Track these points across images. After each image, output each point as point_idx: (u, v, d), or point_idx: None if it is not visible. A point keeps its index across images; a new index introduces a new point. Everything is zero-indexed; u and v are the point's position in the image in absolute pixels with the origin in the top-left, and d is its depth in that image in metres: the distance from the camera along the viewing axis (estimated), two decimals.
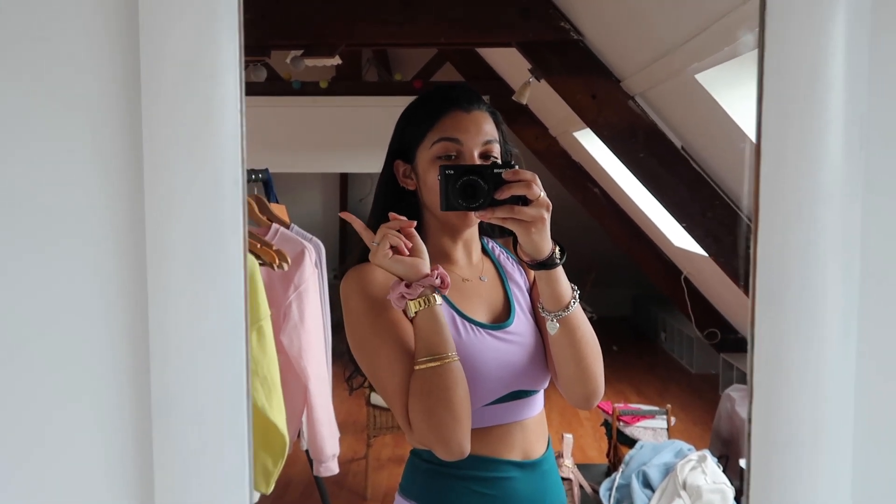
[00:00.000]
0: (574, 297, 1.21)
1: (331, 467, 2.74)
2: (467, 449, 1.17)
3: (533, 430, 1.31)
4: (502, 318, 1.30)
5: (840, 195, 0.60)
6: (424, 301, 1.16)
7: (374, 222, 1.28)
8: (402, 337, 1.20)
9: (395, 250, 1.16)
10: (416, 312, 1.16)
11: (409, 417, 1.16)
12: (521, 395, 1.28)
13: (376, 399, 3.85)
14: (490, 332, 1.26)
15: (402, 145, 1.30)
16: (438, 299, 1.16)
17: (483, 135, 1.24)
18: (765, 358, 0.62)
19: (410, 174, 1.29)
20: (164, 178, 0.61)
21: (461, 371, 1.16)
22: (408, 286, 1.16)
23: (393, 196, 1.31)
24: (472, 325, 1.25)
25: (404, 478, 1.34)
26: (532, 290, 1.36)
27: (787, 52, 0.59)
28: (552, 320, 1.20)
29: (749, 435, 0.62)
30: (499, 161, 1.26)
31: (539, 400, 1.33)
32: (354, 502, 4.01)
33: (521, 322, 1.30)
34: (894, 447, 0.64)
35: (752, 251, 0.62)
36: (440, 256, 1.30)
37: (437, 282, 1.16)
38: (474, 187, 1.14)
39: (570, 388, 1.28)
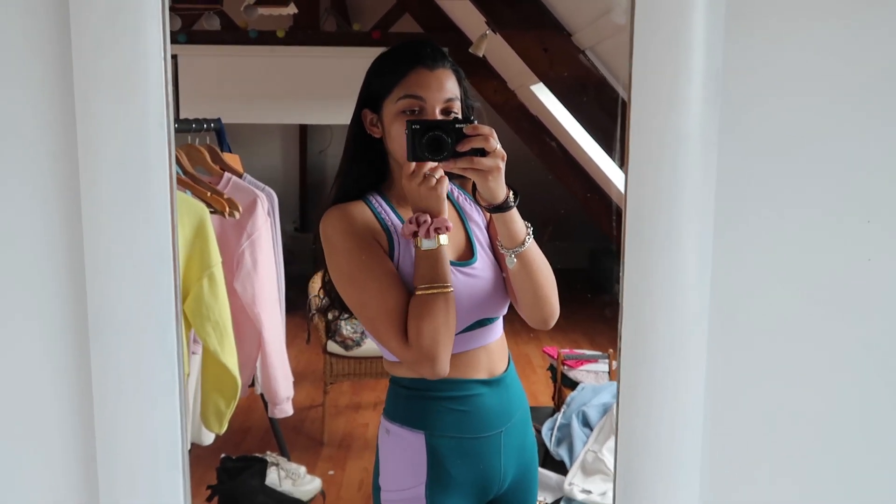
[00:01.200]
0: (528, 234, 1.35)
1: (285, 409, 2.84)
2: (447, 369, 1.33)
3: (495, 350, 1.48)
4: (466, 255, 1.44)
5: (700, 139, 0.68)
6: (437, 239, 1.32)
7: (347, 166, 1.45)
8: (388, 270, 1.35)
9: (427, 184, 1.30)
10: (427, 248, 1.32)
11: (405, 337, 1.32)
12: (485, 322, 1.44)
13: (333, 347, 3.94)
14: (459, 268, 1.40)
15: (370, 95, 1.41)
16: (444, 239, 1.33)
17: (445, 92, 1.36)
18: (633, 285, 0.71)
19: (377, 123, 1.41)
20: (93, 119, 0.67)
21: (454, 300, 1.33)
22: (431, 226, 1.31)
23: (361, 143, 1.44)
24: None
25: (387, 403, 1.49)
26: (489, 227, 1.50)
27: (656, 20, 0.66)
28: (510, 256, 1.35)
29: (619, 351, 0.71)
30: (459, 116, 1.37)
31: (499, 326, 1.49)
32: (312, 447, 4.11)
33: (483, 258, 1.44)
34: (742, 369, 0.74)
35: (624, 193, 0.70)
36: (405, 200, 1.42)
37: (449, 224, 1.33)
38: (439, 141, 1.26)
39: (529, 312, 1.45)
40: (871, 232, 0.71)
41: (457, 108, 1.38)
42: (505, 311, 1.49)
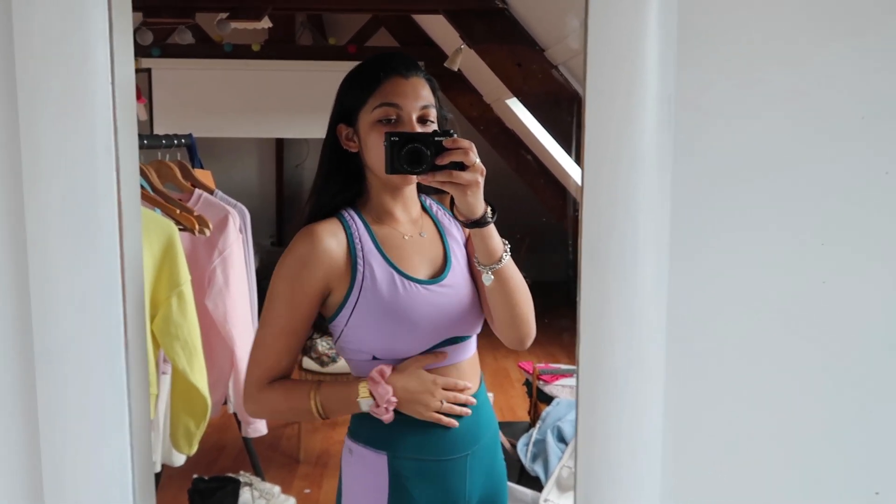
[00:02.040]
0: (505, 251, 1.34)
1: (259, 428, 2.80)
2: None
3: (466, 370, 1.45)
4: (439, 271, 1.42)
5: (654, 161, 0.68)
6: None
7: (321, 183, 1.44)
8: (296, 323, 1.36)
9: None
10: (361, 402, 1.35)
11: (257, 383, 1.39)
12: (456, 340, 1.41)
13: (309, 364, 3.91)
14: (426, 286, 1.38)
15: (345, 109, 1.41)
16: (363, 405, 1.36)
17: (420, 100, 1.36)
18: (590, 304, 0.70)
19: (353, 137, 1.40)
20: (39, 146, 0.65)
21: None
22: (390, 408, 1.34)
23: (336, 159, 1.43)
24: (409, 282, 1.37)
25: (352, 422, 1.47)
26: (468, 244, 1.49)
27: (610, 43, 0.66)
28: (487, 272, 1.33)
29: (577, 371, 0.70)
30: (435, 124, 1.38)
31: (472, 344, 1.47)
32: (288, 465, 4.07)
33: (457, 274, 1.42)
34: (699, 372, 0.73)
35: (579, 213, 0.69)
36: (383, 214, 1.42)
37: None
38: (418, 153, 1.24)
39: (505, 331, 1.42)
40: (825, 254, 0.71)
41: (432, 115, 1.38)
42: (478, 329, 1.46)
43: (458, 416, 1.42)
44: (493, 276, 1.33)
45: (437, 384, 1.38)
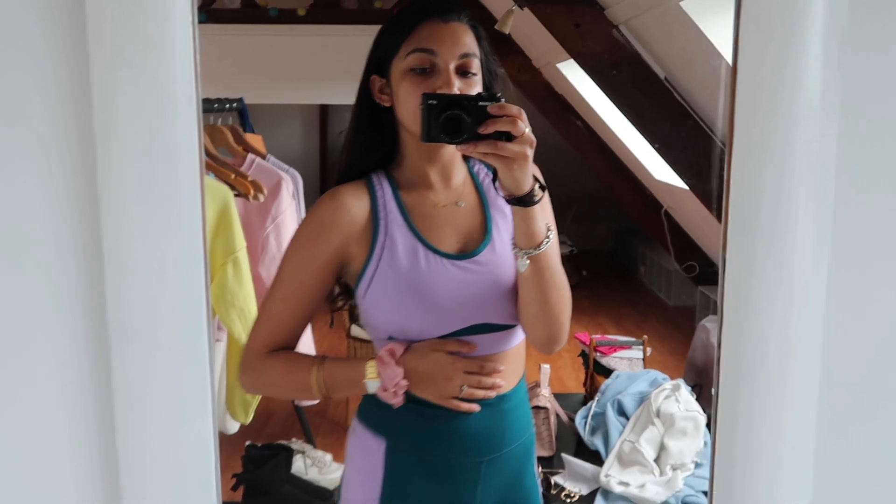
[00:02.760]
0: (547, 237, 1.18)
1: None
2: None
3: (502, 366, 1.27)
4: (473, 246, 1.26)
5: (817, 116, 0.58)
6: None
7: (352, 139, 1.30)
8: (312, 285, 1.26)
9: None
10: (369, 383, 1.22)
11: (260, 347, 1.26)
12: (488, 328, 1.25)
13: (357, 331, 3.87)
14: (453, 261, 1.23)
15: (378, 58, 1.26)
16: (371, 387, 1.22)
17: (461, 47, 1.19)
18: (735, 284, 0.61)
19: (386, 89, 1.25)
20: (112, 101, 0.58)
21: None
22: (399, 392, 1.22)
23: (368, 114, 1.28)
24: (434, 255, 1.23)
25: (362, 403, 1.34)
26: None
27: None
28: (523, 257, 1.18)
29: (718, 361, 0.62)
30: (478, 77, 1.22)
31: (510, 337, 1.29)
32: (335, 432, 4.07)
33: (496, 252, 1.26)
34: (860, 378, 0.64)
35: (725, 176, 0.60)
36: (416, 178, 1.28)
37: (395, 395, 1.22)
38: (458, 121, 1.09)
39: (532, 328, 1.26)
40: None
41: (474, 67, 1.21)
42: (515, 320, 1.28)
43: (478, 417, 1.26)
44: (528, 262, 1.17)
45: (457, 367, 1.22)
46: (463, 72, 1.20)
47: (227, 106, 2.75)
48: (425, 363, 1.21)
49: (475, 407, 1.24)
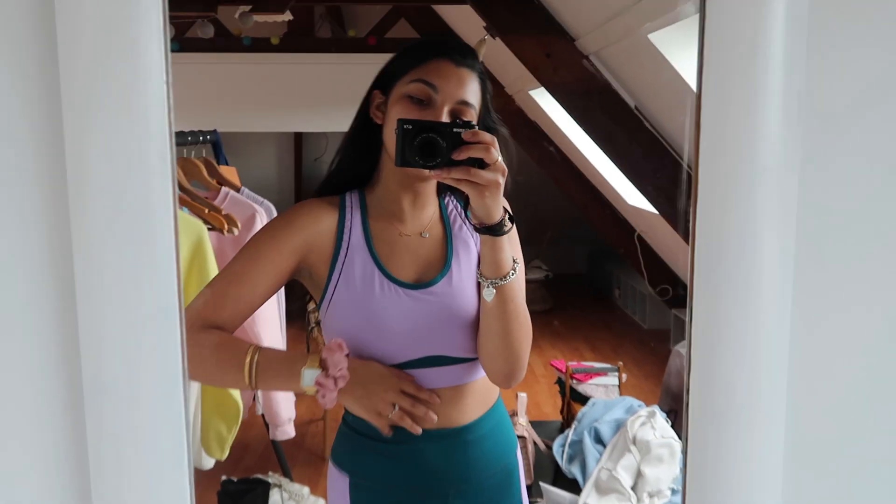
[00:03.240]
0: (514, 269, 1.20)
1: (287, 431, 2.75)
2: None
3: (457, 399, 1.28)
4: (430, 277, 1.27)
5: (777, 167, 0.60)
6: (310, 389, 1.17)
7: (342, 149, 1.33)
8: (267, 270, 1.22)
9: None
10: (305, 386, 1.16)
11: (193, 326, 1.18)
12: (443, 361, 1.25)
13: None
14: (407, 290, 1.24)
15: (385, 75, 1.28)
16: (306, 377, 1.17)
17: (462, 92, 1.21)
18: (703, 331, 0.63)
19: (382, 107, 1.28)
20: (86, 152, 0.59)
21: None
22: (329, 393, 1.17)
23: (362, 127, 1.30)
24: (389, 282, 1.24)
25: (334, 442, 1.35)
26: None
27: (728, 25, 0.58)
28: (488, 286, 1.19)
29: (687, 389, 0.63)
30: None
31: (469, 371, 1.29)
32: (314, 463, 4.03)
33: (453, 284, 1.26)
34: (827, 402, 0.65)
35: (691, 220, 0.62)
36: (387, 202, 1.30)
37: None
38: (433, 145, 1.10)
39: (491, 363, 1.26)
40: None
41: (468, 116, 1.21)
42: (472, 353, 1.27)
43: (435, 451, 1.26)
44: (494, 291, 1.18)
45: (394, 383, 1.20)
46: (455, 116, 1.21)
47: (201, 138, 2.75)
48: (366, 369, 1.21)
49: (417, 429, 1.22)
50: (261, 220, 2.53)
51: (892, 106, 0.60)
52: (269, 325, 2.60)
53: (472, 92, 1.23)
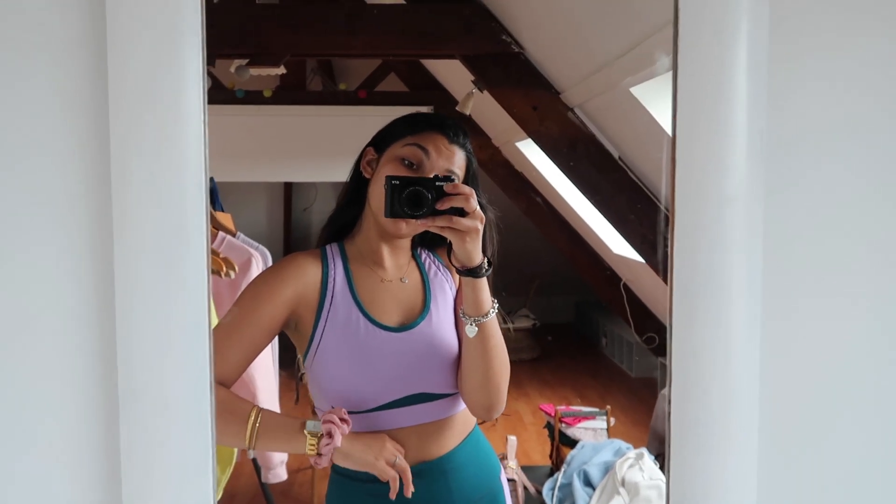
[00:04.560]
0: (493, 307, 1.30)
1: (279, 474, 2.76)
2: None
3: (435, 432, 1.36)
4: (412, 319, 1.36)
5: (744, 198, 0.67)
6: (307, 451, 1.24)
7: (337, 205, 1.43)
8: (262, 325, 1.29)
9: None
10: (307, 447, 1.23)
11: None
12: (426, 398, 1.34)
13: None
14: (391, 332, 1.33)
15: (382, 135, 1.40)
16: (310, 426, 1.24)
17: (451, 163, 1.33)
18: (681, 347, 0.69)
19: (373, 163, 1.39)
20: (130, 186, 0.65)
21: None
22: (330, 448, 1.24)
23: (353, 180, 1.42)
24: (374, 327, 1.32)
25: (328, 489, 1.40)
26: (457, 297, 1.43)
27: (697, 75, 0.67)
28: (471, 324, 1.29)
29: (669, 415, 0.69)
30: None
31: (449, 405, 1.37)
32: None
33: (433, 325, 1.36)
34: (794, 425, 0.72)
35: (669, 251, 0.69)
36: (367, 252, 1.39)
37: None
38: (419, 196, 1.22)
39: (473, 395, 1.34)
40: None
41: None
42: (452, 389, 1.37)
43: (422, 482, 1.31)
44: (477, 328, 1.28)
45: (383, 451, 1.28)
46: None
47: None
48: (360, 442, 1.27)
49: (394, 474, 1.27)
50: (257, 265, 2.59)
51: (846, 138, 0.68)
52: (264, 372, 2.63)
53: (459, 167, 1.35)
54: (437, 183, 1.24)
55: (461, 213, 1.22)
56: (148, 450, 0.67)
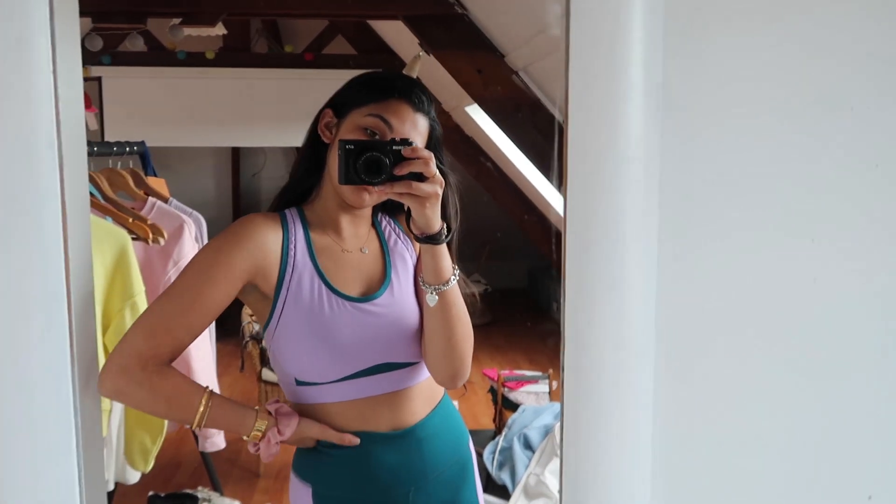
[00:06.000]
0: (454, 275, 1.27)
1: (216, 442, 2.72)
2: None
3: (406, 400, 1.34)
4: (374, 290, 1.33)
5: (641, 157, 0.65)
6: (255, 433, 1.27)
7: (294, 167, 1.38)
8: (218, 294, 1.23)
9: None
10: (247, 436, 1.26)
11: (135, 354, 1.19)
12: (390, 367, 1.31)
13: (268, 375, 3.82)
14: (355, 304, 1.29)
15: (341, 98, 1.33)
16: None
17: (415, 134, 1.27)
18: (575, 313, 0.67)
19: (332, 127, 1.32)
20: None
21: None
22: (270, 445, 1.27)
23: (310, 144, 1.35)
24: (338, 298, 1.28)
25: (294, 454, 1.38)
26: (417, 265, 1.39)
27: (591, 27, 0.63)
28: (432, 292, 1.26)
29: (562, 368, 0.67)
30: None
31: (414, 373, 1.35)
32: (248, 479, 3.97)
33: (395, 295, 1.33)
34: (690, 383, 0.71)
35: (563, 216, 0.66)
36: (327, 221, 1.34)
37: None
38: (377, 163, 1.17)
39: (437, 364, 1.32)
40: (816, 252, 0.69)
41: None
42: (416, 358, 1.34)
43: (390, 451, 1.32)
44: (437, 297, 1.26)
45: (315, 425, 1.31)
46: None
47: (128, 149, 2.72)
48: (305, 429, 1.30)
49: (355, 440, 1.30)
50: (189, 231, 2.52)
51: (744, 98, 0.66)
52: (200, 344, 2.57)
53: (421, 135, 1.29)
54: (394, 147, 1.18)
55: (420, 178, 1.17)
56: (7, 426, 0.62)
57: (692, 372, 0.70)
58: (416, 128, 1.27)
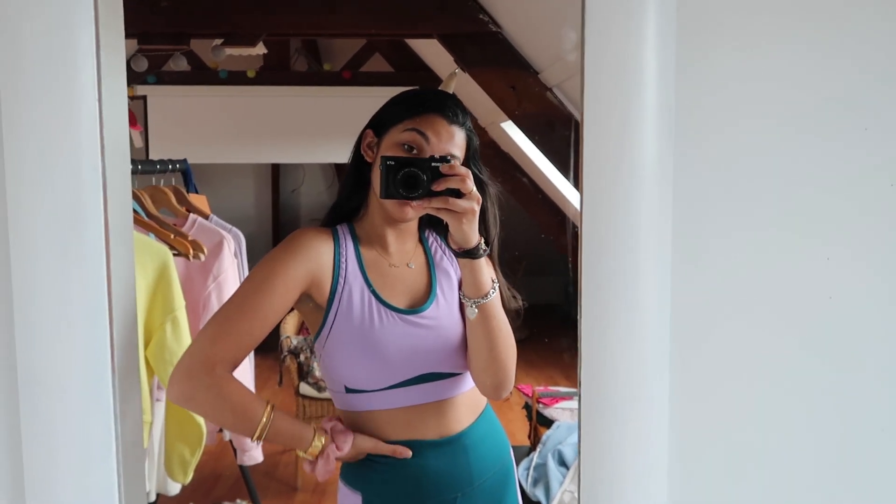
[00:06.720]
0: (493, 288, 1.30)
1: (254, 456, 2.76)
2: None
3: (452, 408, 1.38)
4: (420, 303, 1.37)
5: (655, 172, 0.66)
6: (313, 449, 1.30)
7: (341, 186, 1.44)
8: (278, 302, 1.28)
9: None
10: (304, 453, 1.31)
11: (202, 360, 1.23)
12: (435, 377, 1.35)
13: (305, 389, 3.87)
14: (403, 316, 1.33)
15: (380, 118, 1.38)
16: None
17: (450, 146, 1.31)
18: (591, 324, 0.68)
19: (374, 147, 1.37)
20: (23, 166, 0.64)
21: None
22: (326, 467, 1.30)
23: (354, 163, 1.41)
24: (386, 310, 1.33)
25: (343, 463, 1.41)
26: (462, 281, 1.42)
27: (606, 51, 0.65)
28: (471, 306, 1.29)
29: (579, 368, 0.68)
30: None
31: (459, 382, 1.39)
32: (286, 493, 4.01)
33: (440, 308, 1.37)
34: (706, 390, 0.71)
35: (579, 229, 0.68)
36: (374, 236, 1.39)
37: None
38: (415, 178, 1.21)
39: (480, 376, 1.36)
40: (831, 269, 0.69)
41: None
42: (461, 369, 1.38)
43: (440, 457, 1.36)
44: (477, 310, 1.29)
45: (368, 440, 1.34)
46: None
47: (171, 167, 2.80)
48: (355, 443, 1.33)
49: (408, 452, 1.34)
50: (228, 247, 2.58)
51: (754, 117, 0.67)
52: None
53: (459, 147, 1.33)
54: (433, 164, 1.22)
55: (457, 194, 1.21)
56: (50, 437, 0.65)
57: (706, 385, 0.71)
58: (452, 139, 1.31)
